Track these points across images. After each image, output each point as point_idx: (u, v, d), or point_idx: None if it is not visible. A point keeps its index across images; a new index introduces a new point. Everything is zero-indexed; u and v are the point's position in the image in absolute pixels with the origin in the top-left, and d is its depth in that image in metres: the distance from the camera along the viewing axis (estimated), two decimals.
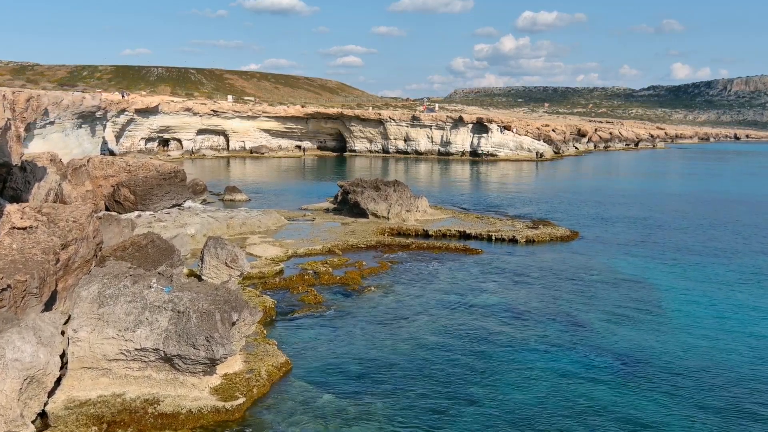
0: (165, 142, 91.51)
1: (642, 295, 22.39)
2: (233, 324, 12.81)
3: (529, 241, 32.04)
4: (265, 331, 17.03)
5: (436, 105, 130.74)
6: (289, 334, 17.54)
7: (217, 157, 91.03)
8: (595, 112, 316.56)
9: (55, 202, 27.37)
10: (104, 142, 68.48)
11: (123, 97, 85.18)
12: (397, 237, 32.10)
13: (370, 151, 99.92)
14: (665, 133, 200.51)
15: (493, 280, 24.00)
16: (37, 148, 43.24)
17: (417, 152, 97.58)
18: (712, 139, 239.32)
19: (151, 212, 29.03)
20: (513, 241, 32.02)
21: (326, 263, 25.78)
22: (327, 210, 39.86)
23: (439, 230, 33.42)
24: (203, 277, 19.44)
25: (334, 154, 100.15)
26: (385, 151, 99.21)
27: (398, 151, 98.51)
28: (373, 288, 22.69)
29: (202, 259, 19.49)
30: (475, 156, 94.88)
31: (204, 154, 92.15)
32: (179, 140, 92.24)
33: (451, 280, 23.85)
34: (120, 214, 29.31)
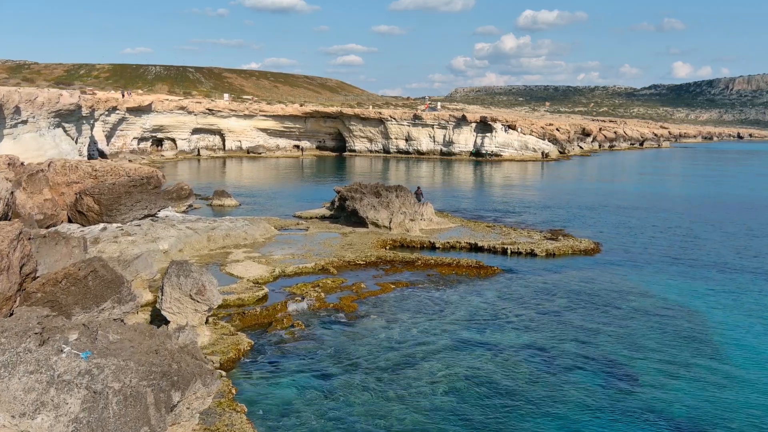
0: (159, 142, 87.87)
1: (693, 332, 18.45)
2: (173, 408, 9.18)
3: (549, 255, 28.47)
4: (234, 389, 13.34)
5: (438, 103, 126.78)
6: (267, 392, 13.83)
7: (212, 158, 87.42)
8: (596, 111, 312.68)
9: (5, 214, 23.71)
10: (93, 142, 64.78)
11: (123, 96, 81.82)
12: (400, 251, 28.43)
13: (371, 151, 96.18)
14: (669, 132, 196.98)
15: (514, 310, 20.26)
16: (6, 149, 39.50)
17: (419, 152, 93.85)
18: (715, 138, 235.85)
19: (119, 225, 25.35)
20: (531, 254, 28.44)
21: (318, 286, 22.12)
22: (323, 217, 36.19)
23: (447, 242, 29.77)
24: (163, 312, 15.80)
25: (334, 154, 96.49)
26: (386, 150, 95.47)
27: (399, 151, 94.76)
28: (373, 317, 19.11)
29: (161, 291, 15.83)
30: (478, 156, 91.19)
31: (199, 154, 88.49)
32: (173, 140, 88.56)
33: (465, 310, 20.10)
34: (84, 227, 25.67)
